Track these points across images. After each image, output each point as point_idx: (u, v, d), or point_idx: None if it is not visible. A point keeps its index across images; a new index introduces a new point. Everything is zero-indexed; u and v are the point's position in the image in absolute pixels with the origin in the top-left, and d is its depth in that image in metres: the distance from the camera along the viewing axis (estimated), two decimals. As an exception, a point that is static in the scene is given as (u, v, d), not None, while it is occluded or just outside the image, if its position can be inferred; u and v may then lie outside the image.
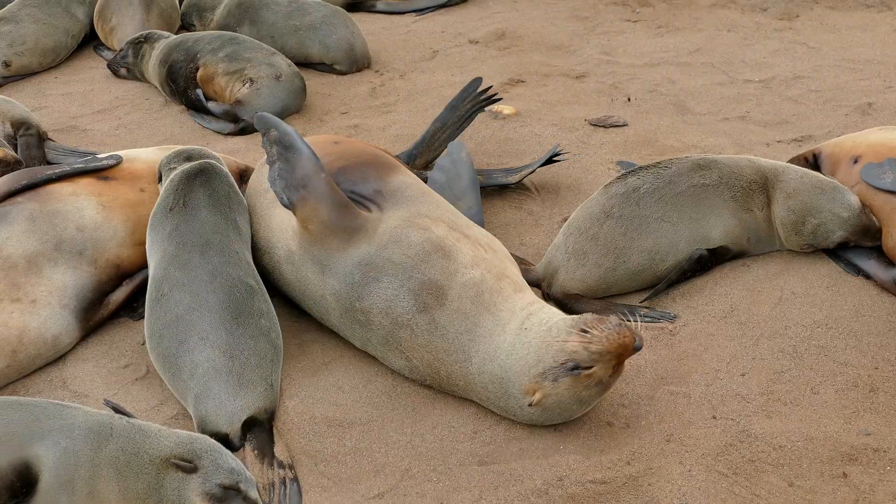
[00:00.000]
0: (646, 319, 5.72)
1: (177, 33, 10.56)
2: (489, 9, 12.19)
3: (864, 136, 6.52)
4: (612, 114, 8.50)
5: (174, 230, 5.57)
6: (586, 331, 4.66)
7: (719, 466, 4.67)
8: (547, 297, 5.96)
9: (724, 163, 6.14)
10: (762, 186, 6.07)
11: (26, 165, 7.53)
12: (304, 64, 9.82)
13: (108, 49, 11.01)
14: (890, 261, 5.86)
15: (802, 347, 5.41)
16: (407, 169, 5.92)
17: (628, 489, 4.58)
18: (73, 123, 9.15)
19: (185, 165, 5.94)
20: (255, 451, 4.86)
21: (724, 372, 5.29)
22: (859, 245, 6.00)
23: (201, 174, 5.85)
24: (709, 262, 6.01)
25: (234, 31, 9.95)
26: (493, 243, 5.49)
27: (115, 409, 4.82)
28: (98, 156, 6.44)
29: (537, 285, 6.05)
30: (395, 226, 5.31)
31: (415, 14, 12.16)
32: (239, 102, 8.65)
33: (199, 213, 5.64)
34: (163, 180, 5.99)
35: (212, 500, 4.17)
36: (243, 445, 4.91)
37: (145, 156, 6.49)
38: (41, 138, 8.11)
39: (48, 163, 7.93)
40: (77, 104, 9.70)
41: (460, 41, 10.92)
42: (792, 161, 6.70)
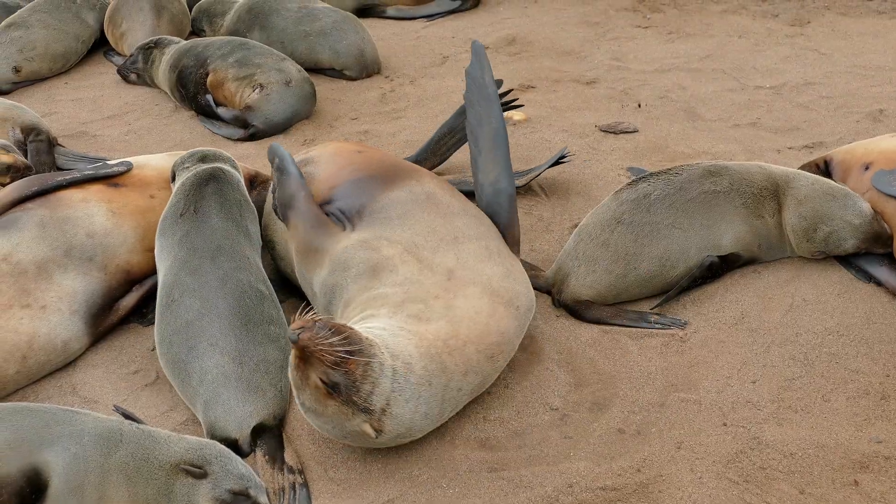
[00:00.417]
0: (656, 326, 5.71)
1: (187, 39, 10.57)
2: (499, 14, 12.20)
3: (876, 143, 6.50)
4: (622, 120, 8.50)
5: (185, 236, 5.58)
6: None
7: (730, 474, 4.65)
8: (557, 303, 5.95)
9: (734, 169, 6.12)
10: (773, 193, 6.06)
11: (36, 171, 7.54)
12: (315, 69, 9.83)
13: (119, 54, 11.03)
14: (901, 268, 5.87)
15: (813, 355, 5.40)
16: (426, 179, 5.80)
17: (638, 496, 4.56)
18: (83, 129, 9.16)
19: (198, 168, 5.95)
20: (266, 456, 4.86)
21: (735, 379, 5.28)
22: (871, 252, 5.98)
23: (213, 180, 5.86)
24: (720, 268, 6.00)
25: (244, 37, 9.96)
26: (462, 273, 5.17)
27: (125, 415, 4.82)
28: (108, 162, 6.44)
29: (547, 292, 6.04)
30: (348, 247, 5.29)
31: (425, 20, 12.17)
32: (249, 108, 8.65)
33: (210, 219, 5.66)
34: (175, 180, 6.00)
35: (221, 505, 4.19)
36: (253, 451, 4.91)
37: (155, 162, 6.50)
38: (51, 144, 8.12)
39: (58, 168, 7.94)
40: (87, 110, 9.72)
41: (470, 47, 10.90)
42: (803, 168, 6.69)
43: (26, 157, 7.75)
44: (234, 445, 4.83)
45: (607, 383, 5.33)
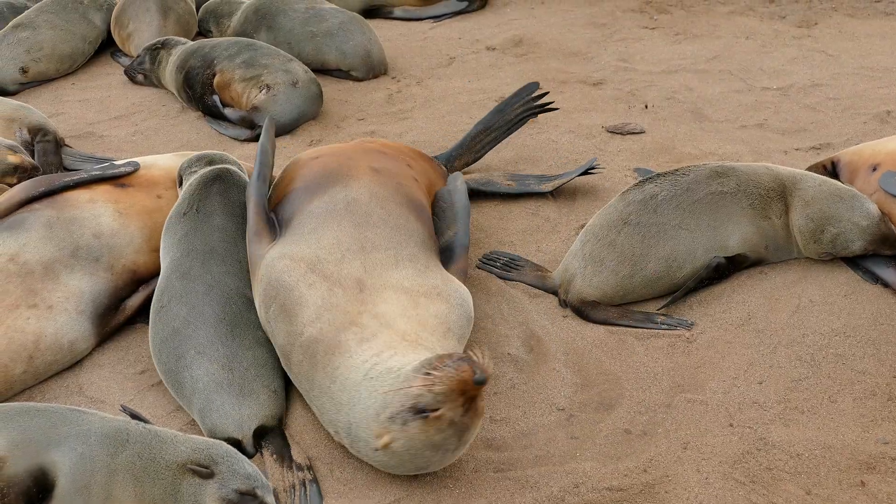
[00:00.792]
0: (662, 327, 5.71)
1: (194, 39, 10.58)
2: (506, 15, 12.20)
3: (883, 144, 6.49)
4: (629, 121, 8.50)
5: (184, 236, 5.59)
6: (429, 373, 4.36)
7: (736, 474, 4.65)
8: (564, 303, 5.95)
9: (741, 170, 6.12)
10: (780, 194, 6.05)
11: (43, 171, 7.54)
12: (321, 70, 9.84)
13: (125, 55, 11.04)
14: (909, 269, 5.86)
15: (820, 356, 5.39)
16: (356, 185, 5.71)
17: (645, 497, 4.56)
18: (89, 130, 9.17)
19: (205, 170, 5.95)
20: (273, 455, 4.86)
21: (742, 380, 5.27)
22: (878, 253, 5.97)
23: (218, 180, 5.87)
24: (726, 269, 5.99)
25: (251, 38, 9.97)
26: (372, 279, 5.15)
27: (132, 415, 4.83)
28: (115, 163, 6.45)
29: (554, 292, 6.05)
30: (265, 266, 5.29)
31: (432, 20, 12.17)
32: (255, 109, 8.66)
33: (212, 219, 5.65)
34: (182, 184, 6.00)
35: (228, 505, 4.19)
36: (260, 452, 4.91)
37: (162, 162, 6.50)
38: (58, 144, 8.13)
39: (65, 169, 7.96)
40: (94, 110, 9.73)
41: (477, 48, 10.93)
42: (810, 169, 6.68)
43: (33, 158, 7.76)
44: (237, 447, 4.81)
45: (613, 384, 5.33)
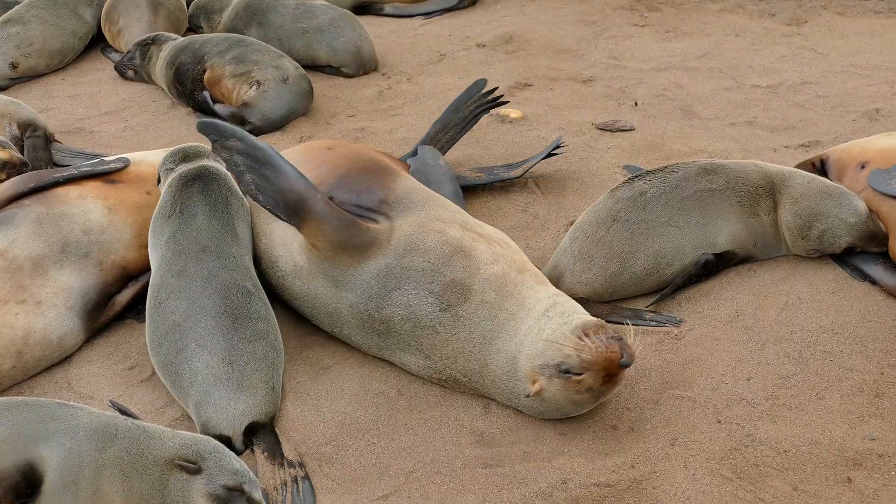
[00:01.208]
0: (651, 323, 5.72)
1: (184, 35, 10.57)
2: (497, 12, 12.20)
3: (872, 142, 6.51)
4: (619, 118, 8.50)
5: (171, 237, 5.56)
6: (581, 338, 4.71)
7: (724, 470, 4.66)
8: (552, 300, 5.98)
9: (730, 167, 6.13)
10: (769, 191, 6.07)
11: (33, 167, 7.55)
12: (312, 67, 9.84)
13: (116, 51, 11.03)
14: (896, 266, 5.87)
15: (808, 352, 5.41)
16: (405, 172, 5.90)
17: (632, 492, 4.57)
18: (79, 125, 9.16)
19: (182, 168, 5.89)
20: (265, 453, 4.86)
21: (730, 376, 5.29)
22: (866, 250, 5.98)
23: (198, 180, 5.79)
24: (715, 266, 6.01)
25: (241, 34, 9.96)
26: (507, 241, 5.53)
27: (121, 411, 4.84)
28: (105, 159, 6.44)
29: (543, 289, 6.07)
30: (409, 233, 5.32)
31: (422, 17, 12.17)
32: (246, 105, 8.66)
33: (196, 219, 5.61)
34: (161, 182, 5.98)
35: (216, 501, 4.18)
36: (251, 449, 4.91)
37: (152, 158, 6.50)
38: (48, 140, 8.13)
39: (55, 164, 7.95)
40: (84, 106, 9.72)
41: (468, 45, 10.93)
42: (799, 166, 6.70)
43: (23, 153, 7.76)
44: (227, 444, 4.82)
45: (602, 380, 5.34)
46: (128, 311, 6.03)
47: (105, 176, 6.21)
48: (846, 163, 6.49)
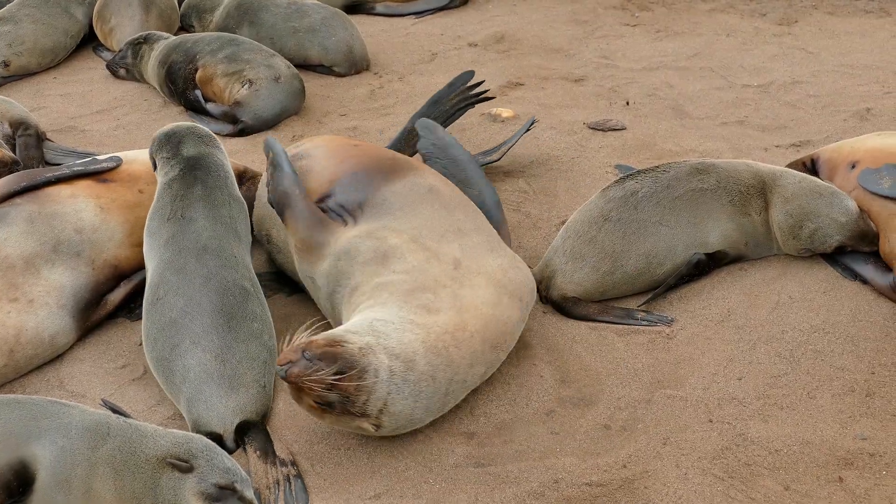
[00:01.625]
0: (643, 323, 5.73)
1: (176, 34, 10.55)
2: (488, 12, 12.20)
3: (862, 142, 6.52)
4: (610, 117, 8.51)
5: (171, 238, 5.54)
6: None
7: (715, 470, 4.67)
8: (545, 300, 5.97)
9: (722, 167, 6.14)
10: (760, 191, 6.08)
11: (25, 165, 7.54)
12: (303, 66, 9.82)
13: (107, 50, 11.01)
14: (887, 266, 5.87)
15: (799, 352, 5.42)
16: (427, 173, 5.86)
17: (624, 492, 4.58)
18: (71, 124, 9.15)
19: (181, 162, 5.85)
20: (257, 451, 4.87)
21: (721, 376, 5.30)
22: (857, 250, 6.00)
23: (199, 183, 5.77)
24: (706, 266, 6.02)
25: (233, 33, 9.95)
26: (468, 263, 5.26)
27: (113, 409, 4.83)
28: (97, 158, 6.43)
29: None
30: (352, 237, 5.34)
31: (414, 16, 12.16)
32: (238, 104, 8.65)
33: (197, 222, 5.59)
34: (158, 170, 5.98)
35: (207, 499, 4.18)
36: (243, 447, 4.92)
37: (144, 157, 6.48)
38: (40, 138, 8.11)
39: (47, 163, 7.93)
40: (76, 105, 9.71)
41: (459, 44, 10.93)
42: (790, 166, 6.71)
43: (14, 152, 7.74)
44: (218, 442, 4.82)
45: (594, 379, 5.35)
46: (120, 309, 6.03)
47: (97, 175, 6.21)
48: (837, 162, 6.51)
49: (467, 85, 7.45)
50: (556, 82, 9.53)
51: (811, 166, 6.71)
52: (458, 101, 7.43)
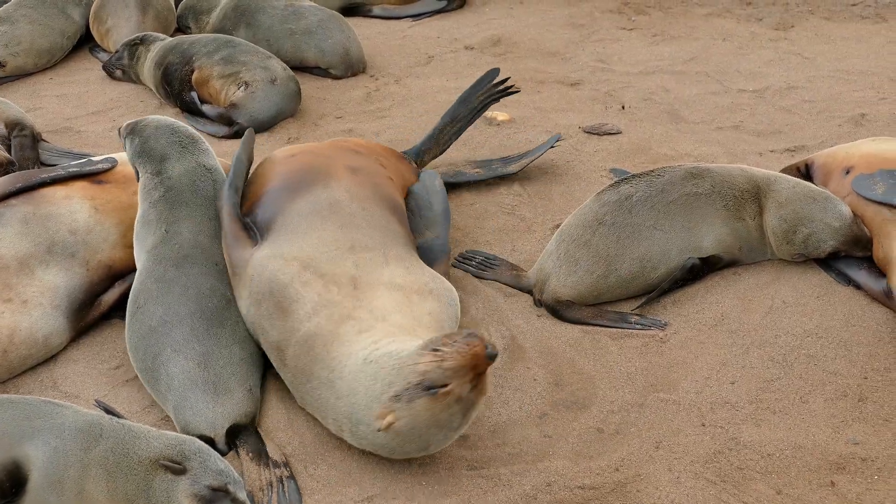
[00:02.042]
0: (636, 327, 5.74)
1: (172, 36, 10.55)
2: (485, 15, 12.21)
3: (857, 147, 6.54)
4: (606, 121, 8.52)
5: (153, 248, 5.53)
6: (437, 349, 4.38)
7: (708, 474, 4.68)
8: (538, 303, 5.97)
9: (716, 172, 6.15)
10: (754, 196, 6.08)
11: (20, 166, 7.54)
12: (300, 68, 9.82)
13: (104, 51, 11.00)
14: (880, 271, 5.87)
15: (792, 356, 5.43)
16: (336, 185, 5.79)
17: (616, 495, 4.59)
18: (67, 125, 9.15)
19: (168, 184, 5.78)
20: (250, 454, 4.86)
21: (714, 380, 5.31)
22: (850, 255, 6.01)
23: (185, 206, 5.71)
24: (701, 270, 6.02)
25: (230, 35, 9.95)
26: (364, 275, 5.20)
27: (106, 410, 4.84)
28: (93, 159, 6.44)
29: (529, 292, 6.06)
30: (253, 266, 5.30)
31: (411, 19, 12.16)
32: (234, 106, 8.65)
33: (182, 235, 5.57)
34: (140, 180, 5.92)
35: (200, 501, 4.18)
36: (235, 450, 4.91)
37: (139, 158, 6.49)
38: (35, 139, 8.11)
39: (42, 164, 7.93)
40: (72, 105, 9.70)
41: (456, 47, 10.93)
42: (784, 171, 6.71)
43: (10, 153, 7.74)
44: (210, 444, 4.80)
45: (587, 383, 5.36)
46: (114, 310, 6.02)
47: (92, 176, 6.21)
48: (831, 167, 6.51)
49: (494, 82, 7.49)
50: (552, 86, 9.54)
51: (806, 171, 6.72)
52: (485, 97, 7.47)
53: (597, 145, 8.03)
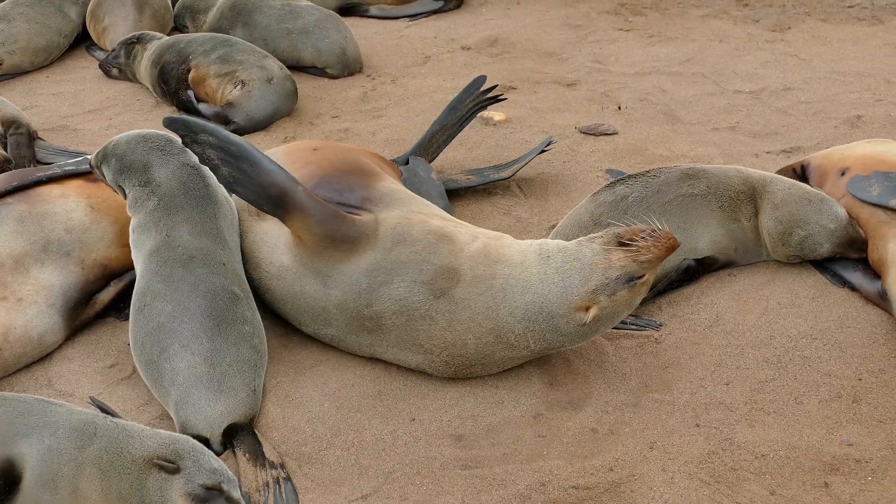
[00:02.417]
0: (631, 327, 5.74)
1: (169, 35, 10.56)
2: (482, 15, 12.22)
3: (852, 149, 6.54)
4: (602, 122, 8.52)
5: (155, 251, 5.48)
6: (626, 244, 4.89)
7: (702, 474, 4.68)
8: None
9: (712, 173, 6.15)
10: (750, 197, 6.09)
11: (16, 164, 7.55)
12: (297, 67, 9.83)
13: (101, 49, 11.01)
14: (875, 273, 5.88)
15: (787, 357, 5.43)
16: (392, 174, 5.92)
17: (610, 495, 4.59)
18: (63, 123, 9.15)
19: (160, 192, 5.62)
20: (246, 454, 4.85)
21: (709, 381, 5.31)
22: (845, 257, 6.01)
23: (182, 210, 5.58)
24: (696, 271, 6.03)
25: (226, 34, 9.95)
26: (487, 235, 5.51)
27: (101, 408, 4.84)
28: (89, 157, 6.43)
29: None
30: (394, 225, 5.32)
31: (408, 19, 12.18)
32: (230, 104, 8.66)
33: (183, 238, 5.49)
34: (128, 198, 5.76)
35: (194, 500, 4.18)
36: (232, 450, 4.90)
37: (135, 157, 6.48)
38: (31, 137, 8.11)
39: (38, 162, 7.93)
40: (68, 104, 9.70)
41: (453, 47, 10.94)
42: (780, 172, 6.72)
43: (6, 151, 7.75)
44: (205, 444, 4.81)
45: (582, 383, 5.36)
46: (109, 309, 6.02)
47: (88, 175, 6.20)
48: (827, 169, 6.52)
49: (482, 89, 7.53)
50: (548, 86, 9.54)
51: (801, 173, 6.73)
52: (474, 104, 7.52)
53: (593, 146, 8.03)
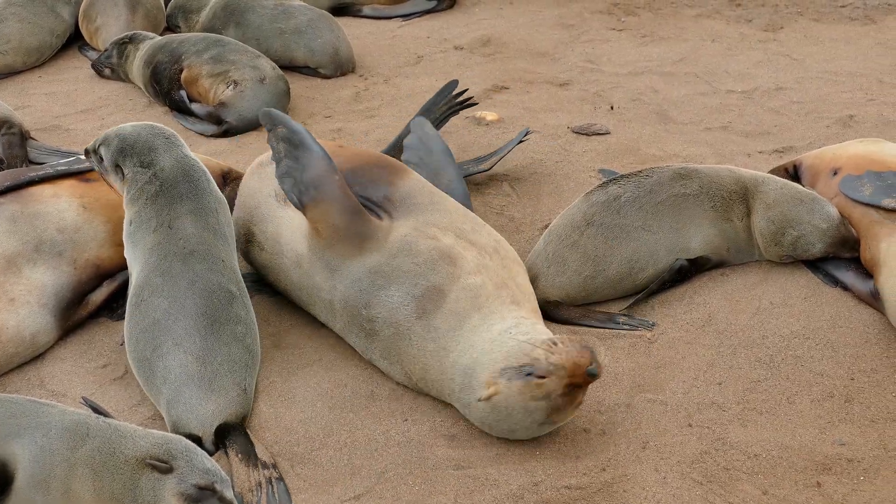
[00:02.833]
0: (624, 327, 5.74)
1: (162, 35, 10.54)
2: (475, 15, 12.21)
3: (844, 149, 6.55)
4: (594, 122, 8.53)
5: (156, 245, 5.45)
6: (555, 343, 4.70)
7: (694, 474, 4.68)
8: (526, 303, 5.99)
9: (704, 172, 6.16)
10: (742, 197, 6.09)
11: (8, 164, 7.54)
12: (289, 67, 9.83)
13: (93, 49, 10.99)
14: (868, 272, 5.88)
15: (779, 357, 5.44)
16: (415, 173, 5.89)
17: (603, 495, 4.59)
18: (56, 123, 9.14)
19: (162, 177, 5.60)
20: (239, 454, 4.85)
21: (701, 380, 5.31)
22: (838, 256, 6.02)
23: (187, 200, 5.58)
24: (689, 271, 6.03)
25: (219, 34, 9.95)
26: (501, 247, 5.51)
27: (93, 408, 4.83)
28: (81, 157, 6.42)
29: (517, 291, 6.08)
30: (404, 234, 5.32)
31: (400, 19, 12.17)
32: (223, 104, 8.65)
33: (185, 230, 5.49)
34: (127, 180, 5.70)
35: (187, 500, 4.17)
36: (224, 450, 4.90)
37: (128, 157, 6.47)
38: (23, 137, 8.10)
39: (30, 162, 7.92)
40: (60, 104, 9.69)
41: (445, 47, 10.94)
42: (772, 172, 6.72)
43: (-2, 150, 7.75)
44: (197, 444, 4.80)
45: (574, 383, 5.36)
46: (102, 309, 6.02)
47: (81, 175, 6.20)
48: (819, 169, 6.52)
49: (454, 93, 7.54)
50: (540, 86, 9.54)
51: (794, 172, 6.73)
52: (446, 109, 7.53)
53: (585, 146, 8.03)
